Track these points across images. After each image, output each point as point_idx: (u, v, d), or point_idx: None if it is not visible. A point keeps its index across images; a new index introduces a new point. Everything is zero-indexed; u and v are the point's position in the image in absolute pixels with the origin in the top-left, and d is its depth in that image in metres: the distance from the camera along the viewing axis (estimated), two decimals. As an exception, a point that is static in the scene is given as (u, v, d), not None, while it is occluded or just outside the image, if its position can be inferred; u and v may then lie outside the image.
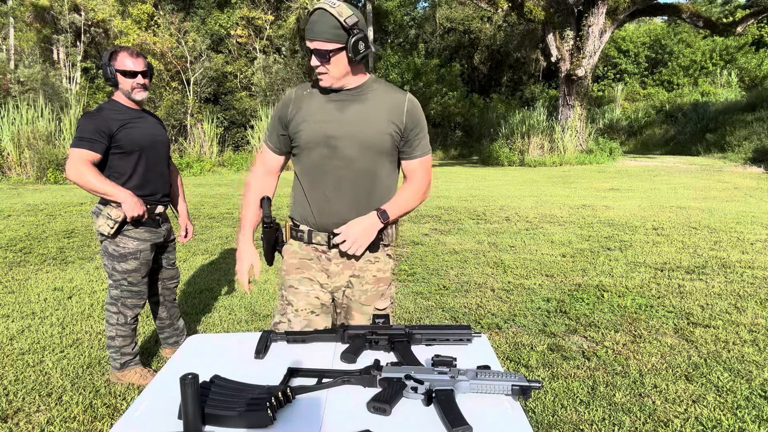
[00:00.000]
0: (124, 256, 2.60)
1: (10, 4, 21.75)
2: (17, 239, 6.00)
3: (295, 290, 1.85)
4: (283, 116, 1.81)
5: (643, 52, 28.73)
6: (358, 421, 1.10)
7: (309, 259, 1.86)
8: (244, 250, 1.89)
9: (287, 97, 1.82)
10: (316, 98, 1.77)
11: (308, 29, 1.64)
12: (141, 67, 2.53)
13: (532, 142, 15.78)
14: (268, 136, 1.88)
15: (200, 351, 1.49)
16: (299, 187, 1.84)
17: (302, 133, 1.77)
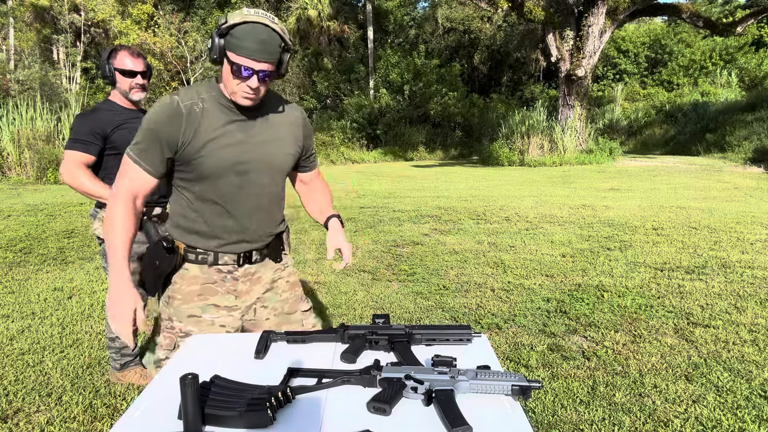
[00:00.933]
0: None
1: (10, 4, 21.75)
2: (17, 239, 6.00)
3: (198, 319, 1.65)
4: (173, 137, 1.51)
5: (642, 52, 28.74)
6: (358, 421, 1.10)
7: (212, 283, 1.67)
8: (124, 290, 1.48)
9: (174, 112, 1.50)
10: (213, 117, 1.54)
11: (258, 49, 1.44)
12: (140, 67, 2.49)
13: (532, 142, 15.78)
14: (142, 153, 1.52)
15: (200, 351, 1.49)
16: (197, 214, 1.61)
17: (205, 160, 1.54)
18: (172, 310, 1.66)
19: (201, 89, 1.57)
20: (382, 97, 21.23)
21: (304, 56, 24.56)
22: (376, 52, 23.94)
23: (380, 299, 4.10)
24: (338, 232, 1.82)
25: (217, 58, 1.49)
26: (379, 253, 5.46)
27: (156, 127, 1.51)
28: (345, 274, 4.76)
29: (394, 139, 20.80)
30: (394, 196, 9.49)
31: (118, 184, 1.55)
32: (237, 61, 1.46)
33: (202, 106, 1.53)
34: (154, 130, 1.51)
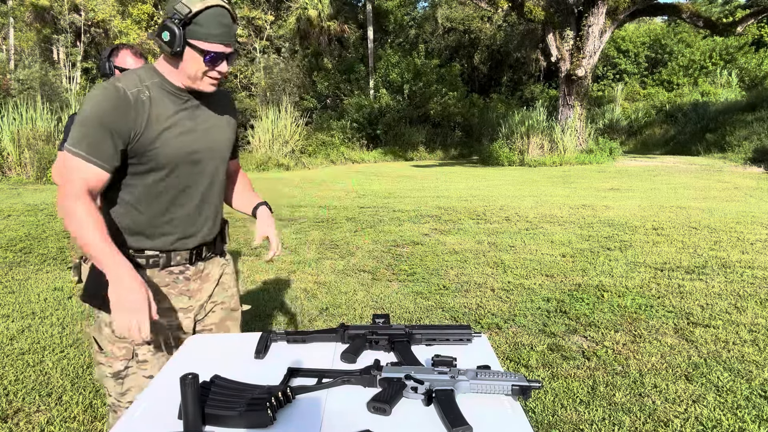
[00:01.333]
0: None
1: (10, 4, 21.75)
2: (17, 239, 6.00)
3: (156, 326, 1.53)
4: (124, 127, 1.41)
5: (642, 52, 28.73)
6: (358, 421, 1.10)
7: (165, 286, 1.59)
8: (131, 279, 1.37)
9: (122, 101, 1.40)
10: (161, 105, 1.47)
11: (225, 33, 1.42)
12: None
13: (532, 142, 15.77)
14: (92, 147, 1.39)
15: (200, 351, 1.49)
16: (144, 210, 1.52)
17: (161, 150, 1.47)
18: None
19: (142, 75, 1.48)
20: (382, 97, 21.22)
21: (304, 56, 24.56)
22: (376, 52, 23.93)
23: (380, 299, 4.10)
24: (267, 219, 1.76)
25: (180, 50, 1.41)
26: (379, 253, 5.46)
27: (104, 117, 1.39)
28: (345, 274, 4.76)
29: (394, 139, 20.79)
30: (394, 196, 9.49)
31: (67, 186, 1.39)
32: (209, 49, 1.41)
33: (148, 94, 1.45)
34: (102, 120, 1.39)
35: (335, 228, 6.68)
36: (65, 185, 1.40)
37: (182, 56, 1.43)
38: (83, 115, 1.41)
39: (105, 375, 1.58)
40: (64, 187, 1.40)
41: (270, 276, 4.73)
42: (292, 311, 3.90)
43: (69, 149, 1.40)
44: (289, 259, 5.27)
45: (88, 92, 1.46)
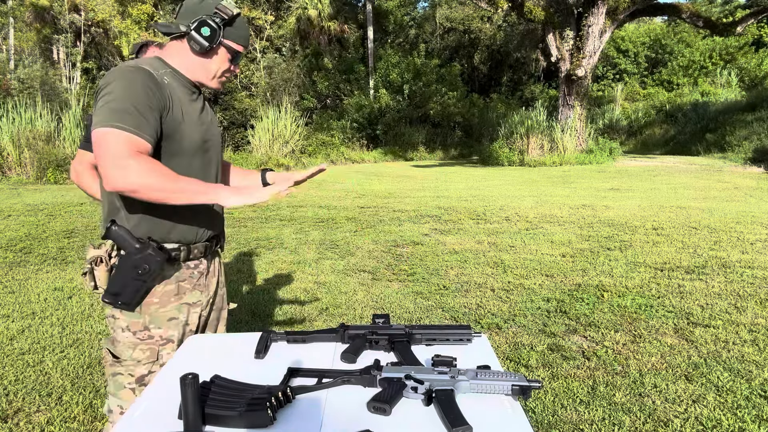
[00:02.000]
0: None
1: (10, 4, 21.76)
2: (17, 239, 6.00)
3: (176, 321, 1.57)
4: (159, 103, 1.41)
5: (642, 52, 28.74)
6: (358, 421, 1.10)
7: (183, 280, 1.60)
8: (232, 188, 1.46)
9: (152, 79, 1.41)
10: (178, 91, 1.51)
11: (248, 36, 1.59)
12: None
13: (532, 142, 15.77)
14: (138, 123, 1.35)
15: (200, 351, 1.49)
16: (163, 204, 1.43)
17: (185, 134, 1.50)
18: (148, 318, 1.52)
19: (153, 64, 1.50)
20: (382, 97, 21.22)
21: (305, 56, 24.57)
22: (376, 52, 23.93)
23: (380, 299, 4.10)
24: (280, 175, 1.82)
25: (214, 47, 1.51)
26: (379, 253, 5.46)
27: (141, 94, 1.37)
28: (345, 274, 4.76)
29: (394, 139, 20.79)
30: (394, 196, 9.49)
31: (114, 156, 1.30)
32: (238, 49, 1.55)
33: (167, 80, 1.48)
34: (140, 97, 1.37)
35: (335, 228, 6.68)
36: (110, 157, 1.31)
37: (214, 53, 1.53)
38: (117, 95, 1.36)
39: (123, 386, 1.51)
40: (111, 157, 1.31)
41: (270, 276, 4.73)
42: (292, 311, 3.90)
43: (113, 125, 1.32)
44: (289, 259, 5.27)
45: (108, 77, 1.41)
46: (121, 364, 1.53)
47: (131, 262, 1.45)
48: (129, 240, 1.47)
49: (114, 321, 1.54)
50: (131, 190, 1.34)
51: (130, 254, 1.46)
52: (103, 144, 1.33)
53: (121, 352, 1.53)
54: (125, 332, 1.52)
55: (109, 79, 1.40)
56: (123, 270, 1.46)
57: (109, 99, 1.36)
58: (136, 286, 1.47)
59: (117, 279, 1.47)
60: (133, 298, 1.47)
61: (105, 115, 1.34)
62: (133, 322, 1.52)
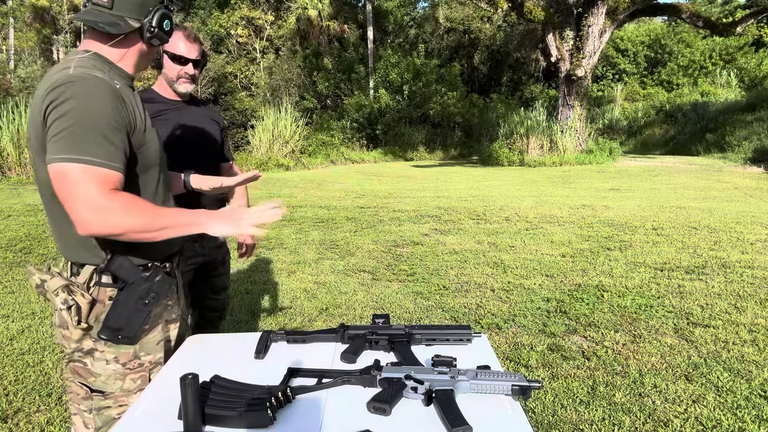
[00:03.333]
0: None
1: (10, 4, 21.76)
2: (17, 239, 6.00)
3: (162, 342, 1.47)
4: (126, 119, 1.26)
5: (642, 52, 28.73)
6: (358, 421, 1.10)
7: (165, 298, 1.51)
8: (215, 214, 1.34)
9: (116, 94, 1.24)
10: (131, 96, 1.34)
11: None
12: (194, 54, 2.05)
13: (532, 142, 15.77)
14: (109, 154, 1.19)
15: (200, 351, 1.49)
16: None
17: (150, 145, 1.35)
18: (139, 346, 1.39)
19: (96, 65, 1.30)
20: (382, 97, 21.22)
21: (305, 56, 24.56)
22: (375, 52, 23.93)
23: (380, 299, 4.10)
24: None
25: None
26: (379, 253, 5.46)
27: (107, 113, 1.20)
28: (345, 274, 4.76)
29: (394, 139, 20.79)
30: (394, 196, 9.49)
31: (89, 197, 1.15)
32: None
33: (118, 85, 1.30)
34: (108, 117, 1.20)
35: (335, 228, 6.68)
36: (81, 199, 1.15)
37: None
38: (78, 117, 1.17)
39: (113, 418, 1.37)
40: (83, 200, 1.15)
41: (270, 276, 4.73)
42: (292, 311, 3.90)
43: (80, 160, 1.15)
44: (289, 259, 5.27)
45: (62, 91, 1.18)
46: (106, 398, 1.38)
47: (137, 293, 1.31)
48: (133, 270, 1.32)
49: (92, 354, 1.36)
50: (113, 234, 1.20)
51: (136, 285, 1.31)
52: (69, 182, 1.14)
53: (105, 385, 1.37)
54: (111, 364, 1.36)
55: (65, 94, 1.17)
56: (127, 302, 1.31)
57: (71, 123, 1.16)
58: (141, 317, 1.33)
59: (119, 313, 1.31)
60: (136, 330, 1.33)
61: (67, 144, 1.15)
62: (122, 353, 1.37)
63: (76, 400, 1.39)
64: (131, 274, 1.32)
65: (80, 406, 1.38)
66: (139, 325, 1.33)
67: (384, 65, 22.10)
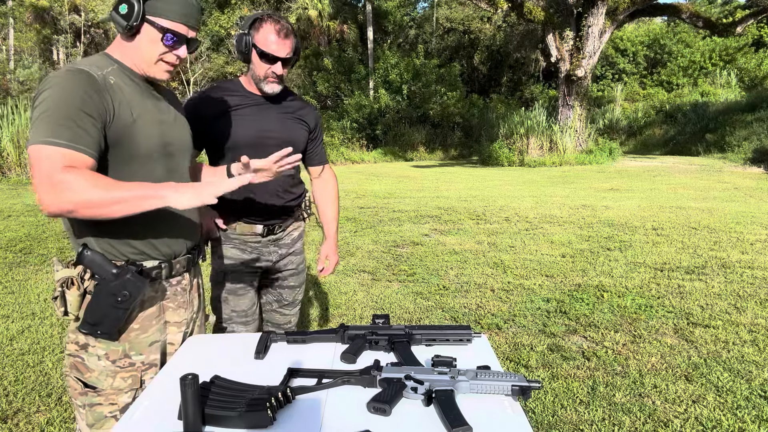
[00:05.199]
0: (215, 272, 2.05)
1: (10, 4, 21.76)
2: (17, 239, 5.99)
3: (158, 343, 1.46)
4: (100, 109, 1.25)
5: (641, 52, 28.74)
6: (358, 421, 1.10)
7: (166, 300, 1.49)
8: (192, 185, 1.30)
9: (91, 82, 1.25)
10: (127, 90, 1.33)
11: (187, 13, 1.39)
12: (285, 52, 1.82)
13: (532, 142, 15.77)
14: (75, 136, 1.20)
15: (200, 351, 1.49)
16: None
17: (137, 137, 1.33)
18: (129, 345, 1.39)
19: (98, 62, 1.33)
20: (382, 98, 21.23)
21: (305, 56, 24.56)
22: (375, 53, 23.94)
23: (380, 299, 4.10)
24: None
25: (136, 25, 1.30)
26: (379, 253, 5.46)
27: (77, 101, 1.21)
28: (345, 274, 4.76)
29: (394, 140, 20.79)
30: (394, 196, 9.49)
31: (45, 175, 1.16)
32: (169, 27, 1.33)
33: (113, 80, 1.31)
34: (77, 104, 1.21)
35: (335, 228, 6.67)
36: (41, 177, 1.17)
37: (138, 33, 1.32)
38: (51, 104, 1.20)
39: (105, 416, 1.37)
40: (43, 177, 1.16)
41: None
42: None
43: (46, 141, 1.18)
44: (289, 259, 5.26)
45: (43, 83, 1.24)
46: (98, 394, 1.38)
47: (109, 290, 1.29)
48: (105, 265, 1.30)
49: (86, 349, 1.38)
50: (67, 211, 1.18)
51: (107, 281, 1.29)
52: (35, 164, 1.18)
53: (97, 381, 1.38)
54: (102, 361, 1.37)
55: (44, 86, 1.23)
56: (100, 298, 1.30)
57: (43, 110, 1.20)
58: (116, 314, 1.31)
59: (95, 308, 1.30)
60: (114, 327, 1.32)
61: (38, 129, 1.19)
62: (111, 351, 1.38)
63: (74, 394, 1.40)
64: (101, 270, 1.29)
65: (76, 401, 1.40)
66: (117, 321, 1.32)
67: (384, 65, 22.11)
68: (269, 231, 2.03)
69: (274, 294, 2.18)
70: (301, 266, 2.21)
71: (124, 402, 1.39)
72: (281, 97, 1.97)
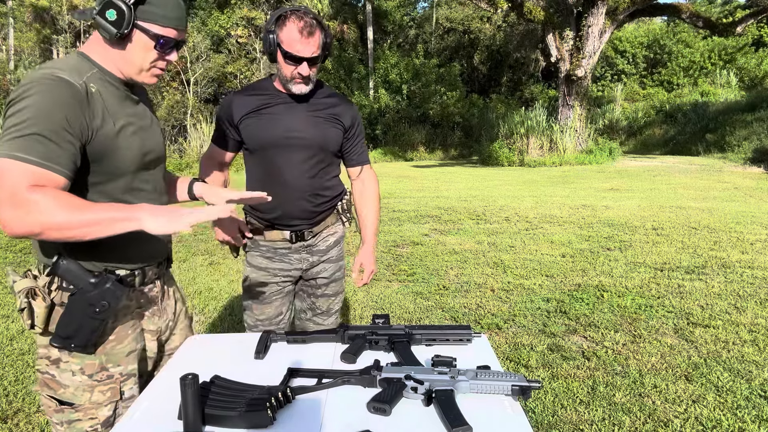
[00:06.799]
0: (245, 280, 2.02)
1: (10, 4, 21.76)
2: (17, 239, 6.00)
3: (135, 353, 1.42)
4: (83, 123, 1.19)
5: (641, 53, 28.75)
6: (358, 421, 1.10)
7: (139, 308, 1.43)
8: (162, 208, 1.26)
9: (72, 92, 1.18)
10: (108, 98, 1.28)
11: (179, 16, 1.33)
12: (310, 51, 1.72)
13: (532, 142, 15.77)
14: (48, 152, 1.14)
15: (200, 351, 1.49)
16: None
17: (121, 152, 1.29)
18: (105, 357, 1.33)
19: (76, 65, 1.26)
20: (382, 97, 21.23)
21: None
22: (375, 53, 23.94)
23: (380, 299, 4.10)
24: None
25: (127, 33, 1.24)
26: (379, 253, 5.46)
27: (60, 113, 1.15)
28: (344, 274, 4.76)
29: (394, 139, 20.79)
30: (394, 196, 9.49)
31: (9, 195, 1.09)
32: (163, 33, 1.28)
33: (94, 87, 1.24)
34: (58, 117, 1.14)
35: (335, 228, 6.68)
36: (4, 195, 1.10)
37: (129, 41, 1.26)
38: (27, 115, 1.12)
39: (85, 431, 1.32)
40: (6, 196, 1.09)
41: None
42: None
43: (14, 156, 1.10)
44: (289, 259, 5.26)
45: (21, 88, 1.15)
46: (76, 410, 1.32)
47: (86, 300, 1.23)
48: (82, 275, 1.23)
49: (57, 365, 1.30)
50: (33, 234, 1.12)
51: (84, 291, 1.23)
52: (1, 178, 1.10)
53: (73, 397, 1.31)
54: (77, 376, 1.31)
55: (22, 92, 1.15)
56: (76, 309, 1.23)
57: (19, 120, 1.12)
58: (93, 326, 1.25)
59: (69, 320, 1.24)
60: (89, 340, 1.26)
61: (9, 141, 1.11)
62: (87, 364, 1.31)
63: (49, 412, 1.33)
64: (78, 280, 1.23)
65: (53, 418, 1.33)
66: (92, 333, 1.26)
67: (384, 65, 22.10)
68: (298, 237, 1.99)
69: (307, 302, 2.16)
70: (337, 274, 2.19)
71: (104, 415, 1.34)
72: (314, 95, 1.89)
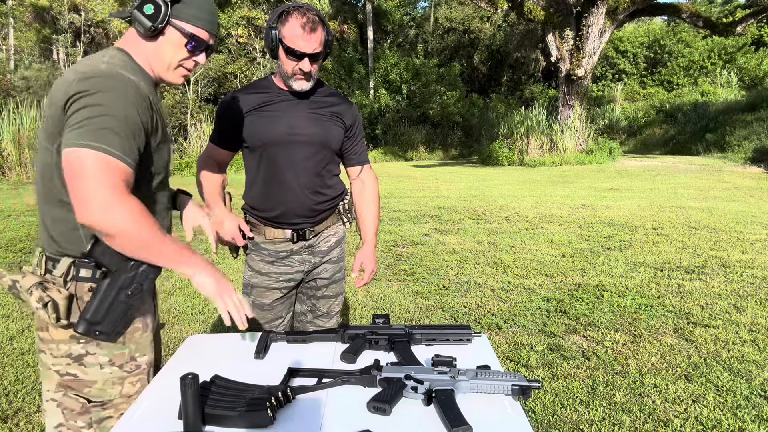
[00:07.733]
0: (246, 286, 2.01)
1: (10, 4, 21.76)
2: (17, 239, 5.99)
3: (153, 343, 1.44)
4: (147, 122, 1.24)
5: (641, 52, 28.74)
6: (358, 421, 1.10)
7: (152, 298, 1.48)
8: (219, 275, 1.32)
9: (137, 91, 1.22)
10: (155, 101, 1.32)
11: (212, 19, 1.37)
12: (312, 47, 1.71)
13: (532, 142, 15.78)
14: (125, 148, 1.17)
15: (200, 351, 1.49)
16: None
17: (163, 153, 1.34)
18: (134, 346, 1.33)
19: (128, 66, 1.27)
20: (382, 97, 21.23)
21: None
22: (375, 52, 23.94)
23: (380, 299, 4.10)
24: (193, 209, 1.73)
25: (160, 28, 1.26)
26: (379, 253, 5.46)
27: (132, 111, 1.18)
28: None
29: (394, 139, 20.79)
30: (394, 196, 9.49)
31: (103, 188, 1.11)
32: (195, 33, 1.30)
33: (144, 90, 1.26)
34: (129, 114, 1.18)
35: (335, 228, 6.68)
36: (94, 186, 1.11)
37: (161, 36, 1.29)
38: (104, 110, 1.15)
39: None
40: (96, 187, 1.11)
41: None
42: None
43: (100, 149, 1.13)
44: (289, 259, 5.26)
45: (91, 84, 1.17)
46: (104, 408, 1.29)
47: (121, 282, 1.23)
48: (118, 257, 1.21)
49: (80, 361, 1.27)
50: (107, 233, 1.14)
51: (120, 272, 1.23)
52: (83, 167, 1.11)
53: (102, 393, 1.28)
54: (106, 368, 1.28)
55: (93, 86, 1.17)
56: (109, 292, 1.22)
57: (95, 113, 1.14)
58: (121, 310, 1.24)
59: (99, 304, 1.22)
60: (115, 326, 1.24)
61: (88, 132, 1.13)
62: (116, 355, 1.29)
63: (70, 417, 1.28)
64: (115, 262, 1.22)
65: (77, 422, 1.28)
66: (120, 319, 1.24)
67: (384, 65, 22.10)
68: (299, 236, 1.97)
69: (307, 304, 2.14)
70: (338, 275, 2.18)
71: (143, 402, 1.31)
72: (315, 93, 1.88)
